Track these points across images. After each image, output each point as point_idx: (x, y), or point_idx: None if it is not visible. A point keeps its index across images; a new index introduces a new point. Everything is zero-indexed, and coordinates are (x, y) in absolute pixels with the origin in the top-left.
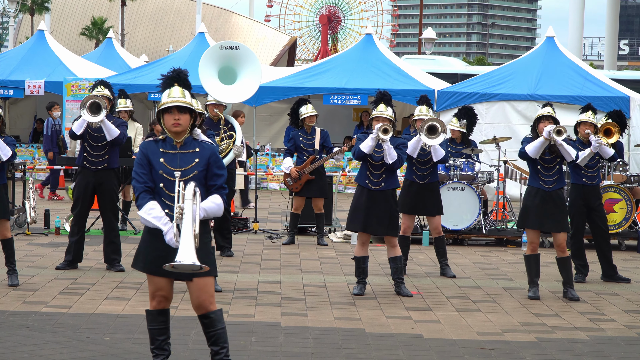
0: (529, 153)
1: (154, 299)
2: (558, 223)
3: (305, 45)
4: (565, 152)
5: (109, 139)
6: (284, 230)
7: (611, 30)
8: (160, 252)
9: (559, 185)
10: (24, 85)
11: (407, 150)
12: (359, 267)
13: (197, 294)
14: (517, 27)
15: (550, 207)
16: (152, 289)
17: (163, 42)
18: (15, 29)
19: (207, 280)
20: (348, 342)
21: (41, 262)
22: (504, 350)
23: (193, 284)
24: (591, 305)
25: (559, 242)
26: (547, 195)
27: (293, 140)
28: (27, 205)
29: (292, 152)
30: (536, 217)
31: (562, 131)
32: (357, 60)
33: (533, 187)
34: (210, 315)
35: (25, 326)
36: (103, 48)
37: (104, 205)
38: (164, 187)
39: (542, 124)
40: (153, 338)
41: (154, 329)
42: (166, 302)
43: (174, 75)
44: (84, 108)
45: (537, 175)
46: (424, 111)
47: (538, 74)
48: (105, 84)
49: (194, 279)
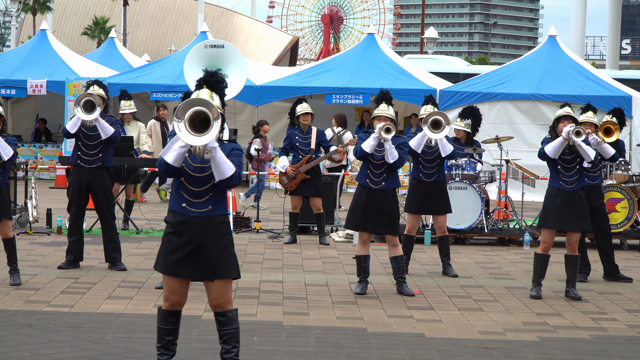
0: (548, 153)
1: (166, 300)
2: (578, 223)
3: (307, 45)
4: (584, 152)
5: (104, 137)
6: (286, 230)
7: (613, 29)
8: (180, 253)
9: (579, 185)
10: (26, 84)
11: (412, 145)
12: (360, 266)
13: (215, 295)
14: (519, 26)
15: (571, 207)
16: (166, 290)
17: (165, 42)
18: (17, 29)
19: (227, 282)
20: (350, 341)
21: (43, 262)
22: (506, 350)
23: (213, 285)
24: (593, 305)
25: (571, 240)
26: (568, 195)
27: (289, 139)
28: (29, 204)
29: (288, 150)
30: (557, 217)
31: (581, 132)
32: (359, 59)
33: (554, 188)
34: (227, 314)
35: (27, 325)
36: (105, 48)
37: (98, 204)
38: (184, 181)
39: (561, 124)
40: (161, 337)
41: (163, 328)
42: (178, 305)
43: (204, 78)
44: (78, 106)
45: (558, 176)
46: (429, 111)
47: (540, 73)
48: (99, 83)
49: (215, 281)
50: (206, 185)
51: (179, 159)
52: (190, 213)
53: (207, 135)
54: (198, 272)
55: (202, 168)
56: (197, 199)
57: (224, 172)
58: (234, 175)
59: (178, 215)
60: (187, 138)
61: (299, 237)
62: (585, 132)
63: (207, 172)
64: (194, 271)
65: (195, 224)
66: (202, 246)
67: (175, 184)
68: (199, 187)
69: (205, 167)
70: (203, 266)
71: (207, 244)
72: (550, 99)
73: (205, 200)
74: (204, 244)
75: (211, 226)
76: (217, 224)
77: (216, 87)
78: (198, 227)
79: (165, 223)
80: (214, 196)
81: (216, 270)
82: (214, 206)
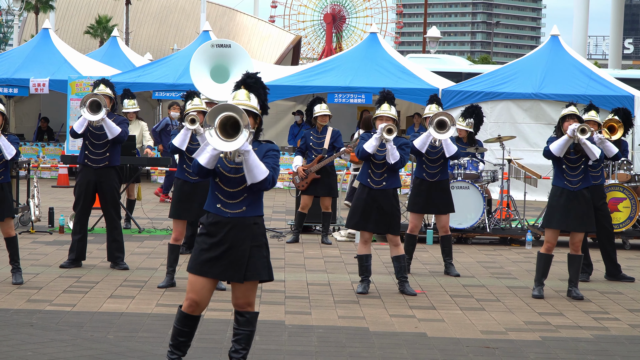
0: (554, 152)
1: (186, 300)
2: (582, 223)
3: (310, 45)
4: (589, 150)
5: (110, 137)
6: (288, 229)
7: (616, 29)
8: (211, 254)
9: (584, 184)
10: (29, 83)
11: (416, 145)
12: (362, 265)
13: (238, 294)
14: (522, 26)
15: (575, 206)
16: (188, 288)
17: (167, 41)
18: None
19: (252, 284)
20: (352, 340)
21: (45, 261)
22: (508, 349)
23: (239, 285)
24: (595, 304)
25: (575, 240)
26: (573, 194)
27: (304, 138)
28: (32, 203)
29: (303, 150)
30: (562, 217)
31: (586, 129)
32: (362, 59)
33: (558, 187)
34: (246, 315)
35: (29, 324)
36: (107, 46)
37: (105, 203)
38: (219, 181)
39: (566, 123)
40: (174, 336)
41: (178, 328)
42: (196, 307)
43: (243, 79)
44: (84, 107)
45: (562, 175)
46: (433, 110)
47: (543, 72)
48: (107, 82)
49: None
50: (241, 186)
51: (212, 161)
52: (224, 214)
53: (237, 141)
54: (229, 273)
55: (237, 169)
56: (232, 200)
57: (256, 176)
58: (267, 178)
59: (212, 216)
60: (218, 144)
61: (301, 236)
62: (590, 130)
63: (242, 173)
64: (224, 272)
65: (228, 224)
66: (234, 247)
67: (211, 185)
68: (234, 188)
69: (240, 168)
70: (234, 267)
71: (239, 245)
72: (552, 99)
73: (240, 201)
74: (236, 244)
75: (244, 227)
76: (250, 225)
77: (254, 88)
78: (231, 227)
79: (200, 224)
80: (248, 197)
81: (246, 272)
82: (248, 207)
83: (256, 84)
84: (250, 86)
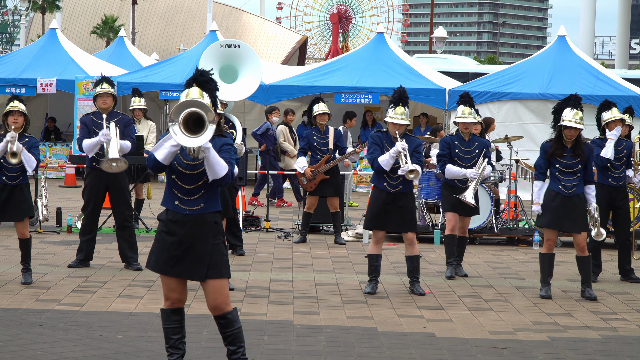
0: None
1: (167, 299)
2: (577, 223)
3: (316, 45)
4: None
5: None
6: (296, 229)
7: (622, 29)
8: (173, 252)
9: (578, 190)
10: (36, 83)
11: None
12: (372, 265)
13: (212, 295)
14: (528, 26)
15: (569, 208)
16: (164, 290)
17: (174, 41)
18: (26, 28)
19: (222, 282)
20: (360, 340)
21: (53, 260)
22: (516, 350)
23: (208, 286)
24: (603, 305)
25: (578, 241)
26: (567, 199)
27: (307, 139)
28: (39, 203)
29: (306, 151)
30: (555, 217)
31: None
32: (369, 59)
33: (552, 190)
34: (227, 316)
35: (38, 324)
36: (114, 46)
37: (117, 205)
38: (176, 178)
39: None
40: (167, 337)
41: (168, 327)
42: (179, 302)
43: (194, 76)
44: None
45: (557, 180)
46: (466, 113)
47: (549, 73)
48: (108, 80)
49: (208, 281)
50: (198, 182)
51: (169, 158)
52: (182, 211)
53: (202, 137)
54: (190, 272)
55: (194, 165)
56: (189, 196)
57: (217, 172)
58: (227, 174)
59: (170, 213)
60: (182, 140)
61: (308, 236)
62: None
63: (199, 169)
64: (186, 270)
65: (188, 222)
66: (194, 245)
67: (167, 182)
68: (191, 184)
69: (197, 165)
70: (195, 265)
71: (199, 243)
72: (559, 99)
73: (198, 197)
74: (196, 242)
75: (203, 224)
76: (210, 223)
77: (206, 86)
78: (190, 225)
79: (158, 221)
80: (206, 193)
81: (208, 270)
82: (206, 203)
83: (208, 82)
84: (202, 84)
